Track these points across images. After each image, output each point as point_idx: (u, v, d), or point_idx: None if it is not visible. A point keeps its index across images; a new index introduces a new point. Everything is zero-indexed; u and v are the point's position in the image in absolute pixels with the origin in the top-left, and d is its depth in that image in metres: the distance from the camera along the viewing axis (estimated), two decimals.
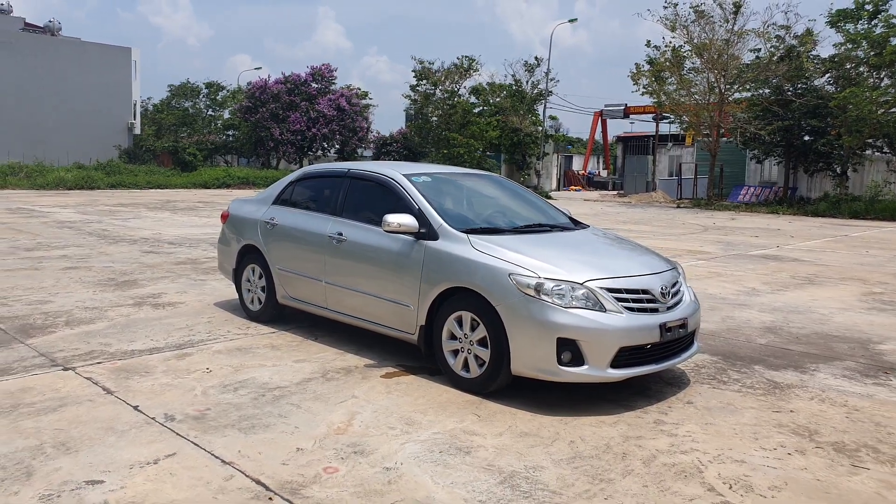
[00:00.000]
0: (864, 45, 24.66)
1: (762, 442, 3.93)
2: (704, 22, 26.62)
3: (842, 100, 24.32)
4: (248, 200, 6.97)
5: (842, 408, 4.56)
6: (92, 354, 5.28)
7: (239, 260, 6.63)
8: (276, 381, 4.76)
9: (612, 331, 4.19)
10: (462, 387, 4.61)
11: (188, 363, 5.12)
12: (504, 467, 3.49)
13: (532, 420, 4.14)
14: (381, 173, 5.53)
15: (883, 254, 13.61)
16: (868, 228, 19.96)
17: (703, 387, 4.91)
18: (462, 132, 34.20)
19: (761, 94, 27.73)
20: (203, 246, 11.74)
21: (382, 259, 5.12)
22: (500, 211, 5.58)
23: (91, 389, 4.49)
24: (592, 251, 4.96)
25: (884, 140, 26.77)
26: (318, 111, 40.70)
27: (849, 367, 5.51)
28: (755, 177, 35.39)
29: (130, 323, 6.29)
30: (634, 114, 46.46)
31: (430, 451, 3.67)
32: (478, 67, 34.65)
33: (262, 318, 6.39)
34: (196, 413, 4.13)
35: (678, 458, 3.66)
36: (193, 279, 8.61)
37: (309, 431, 3.90)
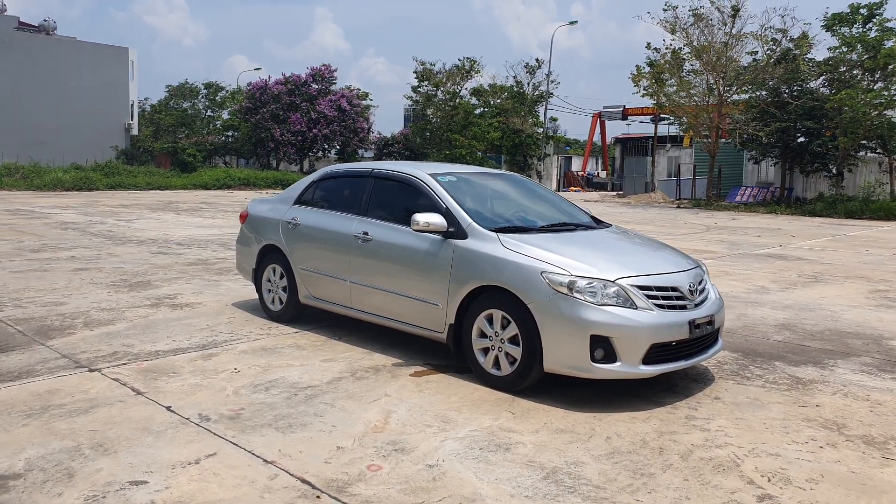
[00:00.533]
0: (858, 49, 24.83)
1: (793, 436, 3.98)
2: (703, 25, 26.77)
3: (837, 102, 24.49)
4: (268, 200, 6.98)
5: (864, 402, 4.62)
6: (116, 356, 5.29)
7: (259, 260, 6.65)
8: (307, 380, 4.78)
9: (644, 328, 4.24)
10: (493, 384, 4.64)
11: (215, 363, 5.13)
12: (545, 463, 3.53)
13: (566, 417, 4.18)
14: (407, 173, 5.57)
15: (883, 252, 13.72)
16: (865, 228, 20.10)
17: (727, 383, 4.95)
18: (464, 133, 34.32)
19: (759, 96, 27.88)
20: (212, 247, 11.74)
21: (410, 258, 5.15)
22: (524, 210, 5.62)
23: (120, 391, 4.51)
24: (620, 249, 5.01)
25: (877, 141, 26.99)
26: (318, 112, 40.74)
27: (865, 363, 5.57)
28: (752, 177, 35.55)
29: (150, 324, 6.30)
30: (633, 115, 46.59)
31: (469, 448, 3.70)
32: (479, 69, 34.78)
33: (283, 318, 6.41)
34: (231, 413, 4.15)
35: (714, 453, 3.71)
36: (207, 280, 8.62)
37: (347, 430, 3.92)
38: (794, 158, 29.75)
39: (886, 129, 25.02)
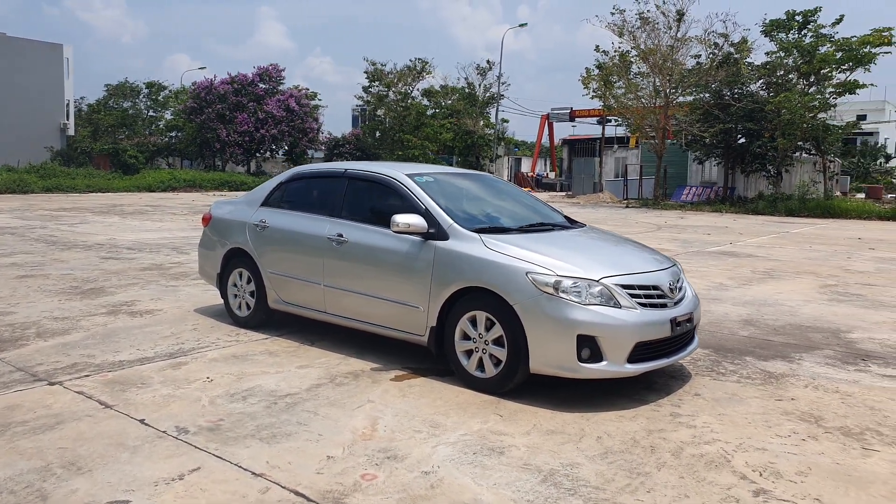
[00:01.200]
0: (795, 54, 25.78)
1: (775, 429, 4.05)
2: (650, 28, 27.35)
3: (776, 104, 25.38)
4: (233, 202, 6.78)
5: (835, 394, 4.75)
6: (76, 367, 5.03)
7: (224, 264, 6.44)
8: (284, 388, 4.64)
9: (629, 326, 4.25)
10: (477, 387, 4.59)
11: (185, 373, 4.93)
12: (541, 466, 3.50)
13: (554, 417, 4.16)
14: (383, 173, 5.47)
15: (825, 248, 14.25)
16: (804, 225, 20.87)
17: (704, 379, 5.03)
18: (416, 134, 34.22)
19: (702, 98, 28.66)
20: (165, 251, 11.35)
21: (388, 260, 5.06)
22: (500, 210, 5.59)
23: (87, 404, 4.28)
24: (599, 249, 5.02)
25: (812, 142, 28.11)
26: (266, 112, 40.02)
27: (829, 356, 5.74)
28: (696, 177, 36.54)
29: (109, 332, 6.03)
30: (580, 117, 47.30)
31: (463, 452, 3.64)
32: (430, 70, 34.75)
33: (250, 324, 6.22)
34: (209, 424, 3.98)
35: (704, 449, 3.74)
36: (165, 285, 8.32)
37: (334, 438, 3.81)
38: (736, 159, 30.70)
39: (821, 130, 26.05)
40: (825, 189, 30.29)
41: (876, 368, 5.39)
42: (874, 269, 11.19)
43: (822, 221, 22.66)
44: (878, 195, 39.54)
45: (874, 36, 23.38)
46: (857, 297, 8.50)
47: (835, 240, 16.08)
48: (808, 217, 24.28)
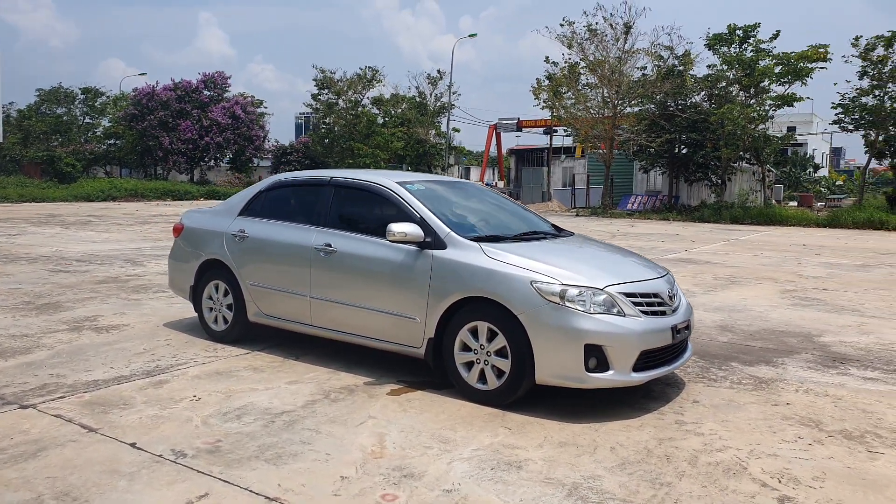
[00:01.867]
0: (736, 67, 26.72)
1: (780, 435, 4.09)
2: (598, 40, 27.90)
3: (720, 116, 26.23)
4: (207, 211, 6.51)
5: (826, 398, 4.84)
6: (47, 388, 4.71)
7: (198, 276, 6.16)
8: (278, 405, 4.44)
9: (634, 335, 4.24)
10: (478, 400, 4.49)
11: (169, 391, 4.68)
12: (563, 479, 3.42)
13: (563, 429, 4.10)
14: (373, 181, 5.33)
15: (775, 254, 14.73)
16: (749, 232, 21.57)
17: (698, 385, 5.06)
18: (366, 142, 33.94)
19: (648, 109, 29.39)
20: (118, 263, 10.87)
21: (381, 271, 4.92)
22: (491, 218, 5.52)
23: (68, 428, 4.00)
24: (597, 257, 5.01)
25: (752, 153, 29.18)
26: (211, 119, 39.10)
27: (809, 360, 5.87)
28: (642, 186, 37.44)
29: (76, 350, 5.69)
30: (527, 127, 47.77)
31: (480, 468, 3.53)
32: (381, 78, 34.54)
33: (227, 339, 5.97)
34: (207, 446, 3.77)
35: (717, 457, 3.74)
36: (126, 299, 7.94)
37: (343, 457, 3.65)
38: (680, 168, 31.59)
39: (762, 141, 27.04)
40: (764, 197, 31.45)
41: (856, 371, 5.53)
42: (826, 274, 11.60)
43: (765, 228, 23.47)
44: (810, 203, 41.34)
45: (811, 51, 24.45)
46: (817, 302, 8.77)
47: (782, 246, 16.65)
48: (752, 224, 25.11)
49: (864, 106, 25.28)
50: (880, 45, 24.38)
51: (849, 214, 23.94)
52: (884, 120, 24.98)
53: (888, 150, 26.97)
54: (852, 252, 15.52)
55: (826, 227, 23.74)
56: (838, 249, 16.08)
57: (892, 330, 7.14)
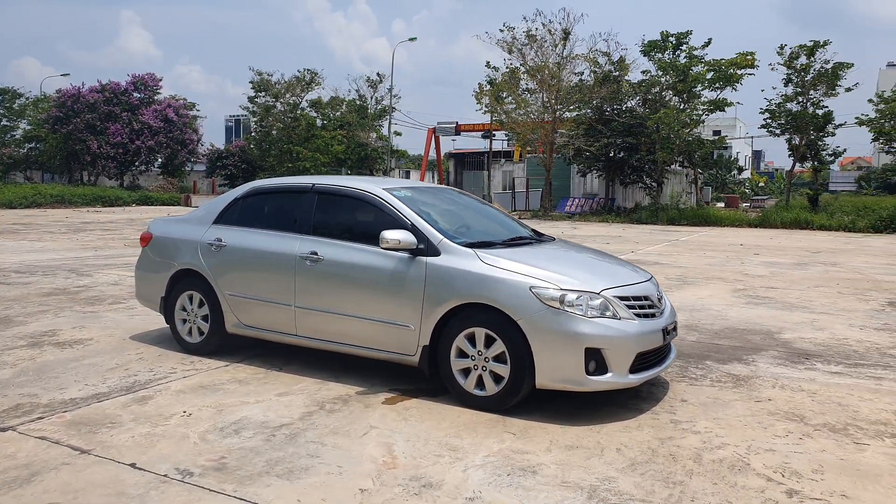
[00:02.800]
0: (671, 73, 27.67)
1: (771, 430, 4.26)
2: (537, 46, 28.37)
3: (656, 120, 27.11)
4: (178, 220, 6.29)
5: (801, 392, 5.07)
6: (22, 409, 4.46)
7: (170, 287, 5.95)
8: (274, 418, 4.34)
9: (631, 337, 4.34)
10: (476, 406, 4.50)
11: (155, 408, 4.50)
12: (579, 482, 3.47)
13: (565, 432, 4.16)
14: (359, 188, 5.26)
15: (717, 255, 15.30)
16: (688, 233, 22.35)
17: (681, 384, 5.22)
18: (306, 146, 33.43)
19: (586, 114, 30.08)
20: (62, 273, 10.37)
21: (372, 278, 4.87)
22: (475, 224, 5.53)
23: (57, 450, 3.80)
24: (587, 261, 5.10)
25: (685, 156, 30.30)
26: (142, 122, 37.73)
27: (776, 357, 6.14)
28: (579, 189, 38.29)
29: (42, 367, 5.40)
30: (465, 131, 48.13)
31: (496, 475, 3.54)
32: (320, 81, 34.12)
33: (203, 351, 5.79)
34: (212, 464, 3.64)
35: (719, 454, 3.87)
36: (81, 312, 7.58)
37: (355, 469, 3.60)
38: (616, 171, 32.48)
39: (696, 145, 28.08)
40: (697, 199, 32.67)
41: (821, 366, 5.82)
42: (768, 273, 12.14)
43: (701, 229, 24.36)
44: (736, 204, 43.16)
45: (740, 58, 25.55)
46: (768, 300, 9.17)
47: (721, 247, 17.32)
48: (687, 225, 26.00)
49: (789, 111, 26.58)
50: (803, 53, 25.72)
51: (777, 215, 25.10)
52: (806, 125, 26.33)
53: (809, 154, 28.45)
54: (787, 251, 16.29)
55: (757, 227, 24.82)
56: (774, 249, 16.84)
57: (842, 326, 7.53)
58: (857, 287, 10.43)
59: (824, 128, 26.90)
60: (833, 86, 25.76)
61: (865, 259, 14.57)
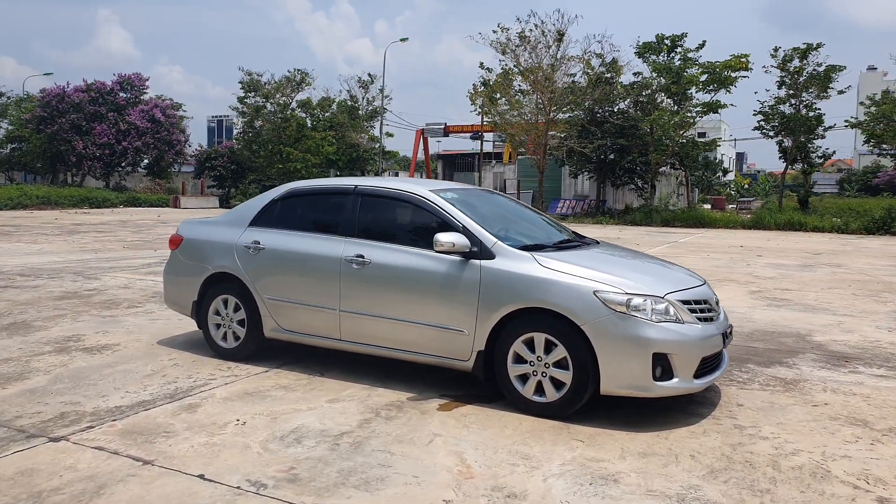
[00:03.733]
0: (665, 75, 27.81)
1: (839, 436, 4.21)
2: (531, 47, 28.36)
3: (651, 122, 27.24)
4: (209, 222, 6.13)
5: (854, 396, 5.03)
6: (68, 418, 4.30)
7: (203, 291, 5.80)
8: (332, 426, 4.22)
9: (696, 342, 4.27)
10: (535, 412, 4.41)
11: (206, 416, 4.36)
12: (665, 491, 3.39)
13: (633, 439, 4.08)
14: (406, 190, 5.15)
15: (721, 256, 15.36)
16: (685, 235, 22.44)
17: (731, 388, 5.16)
18: (297, 146, 33.15)
19: (577, 116, 30.14)
20: (69, 276, 10.13)
21: (424, 282, 4.76)
22: (521, 227, 5.44)
23: (119, 461, 3.65)
24: (642, 265, 5.02)
25: (676, 158, 30.49)
26: (129, 123, 37.21)
27: (815, 360, 6.11)
28: (570, 191, 38.41)
29: (77, 374, 5.24)
30: (454, 132, 48.13)
31: (578, 484, 3.46)
32: (311, 81, 33.84)
33: (239, 356, 5.64)
34: (283, 475, 3.52)
35: (796, 461, 3.81)
36: (100, 316, 7.39)
37: (433, 479, 3.49)
38: (607, 173, 32.61)
39: (690, 147, 28.24)
40: (689, 200, 32.87)
41: (865, 369, 5.80)
42: (777, 274, 12.18)
43: (697, 231, 24.48)
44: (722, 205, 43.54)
45: (734, 61, 25.73)
46: (788, 302, 9.18)
47: (722, 248, 17.39)
48: (682, 227, 26.13)
49: (782, 114, 26.81)
50: (796, 56, 25.95)
51: (771, 217, 25.30)
52: (799, 127, 26.58)
53: (799, 156, 28.72)
54: (787, 253, 16.39)
55: (751, 229, 25.01)
56: (774, 251, 16.94)
57: (869, 328, 7.54)
58: (870, 289, 10.48)
59: (815, 130, 27.18)
60: (825, 88, 26.03)
61: (867, 261, 14.69)
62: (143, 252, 14.01)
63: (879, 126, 25.36)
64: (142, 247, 15.16)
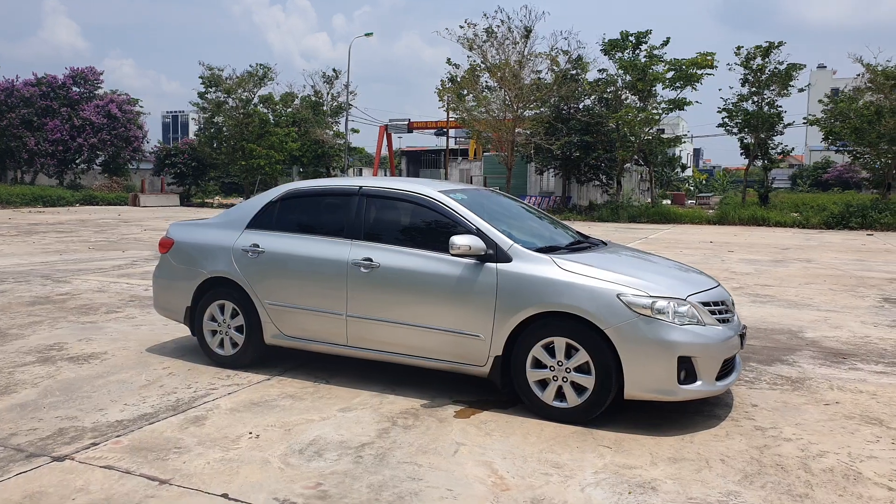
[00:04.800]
0: (631, 72, 28.08)
1: (858, 435, 4.23)
2: (497, 43, 28.32)
3: (618, 119, 27.48)
4: (202, 224, 5.88)
5: (861, 394, 5.08)
6: (67, 434, 4.06)
7: (197, 296, 5.57)
8: (350, 437, 4.06)
9: (718, 344, 4.24)
10: (556, 418, 4.33)
11: (215, 429, 4.16)
12: (705, 498, 3.34)
13: (659, 443, 4.03)
14: (415, 191, 5.00)
15: (694, 252, 15.55)
16: (653, 230, 22.71)
17: (740, 388, 5.16)
18: (260, 143, 32.51)
19: (544, 113, 30.24)
20: (36, 280, 9.69)
21: (436, 286, 4.63)
22: (532, 228, 5.34)
23: (133, 481, 3.44)
24: (660, 266, 4.97)
25: (640, 154, 30.85)
26: (83, 118, 35.97)
27: (813, 357, 6.16)
28: (536, 187, 38.57)
29: (68, 387, 4.97)
30: (418, 129, 47.98)
31: (617, 493, 3.38)
32: (273, 76, 33.21)
33: (237, 364, 5.43)
34: (311, 491, 3.36)
35: (825, 463, 3.80)
36: (80, 322, 7.06)
37: (469, 492, 3.38)
38: (572, 169, 32.82)
39: (656, 143, 28.60)
40: (653, 196, 33.30)
41: (863, 366, 5.87)
42: (753, 270, 12.37)
43: (664, 227, 24.80)
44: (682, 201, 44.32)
45: (700, 58, 26.11)
46: (771, 298, 9.30)
47: (693, 244, 17.63)
48: (649, 223, 26.43)
49: (745, 111, 27.34)
50: (759, 54, 26.48)
51: (735, 212, 25.78)
52: (761, 124, 27.13)
53: (760, 152, 29.32)
54: (757, 248, 16.69)
55: (716, 224, 25.45)
56: (744, 246, 17.24)
57: (855, 323, 7.67)
58: (845, 284, 10.71)
59: (775, 127, 27.78)
60: (785, 86, 26.61)
61: (834, 255, 15.04)
62: (111, 253, 13.53)
63: (837, 123, 26.04)
64: (108, 248, 14.65)
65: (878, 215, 23.00)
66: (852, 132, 25.29)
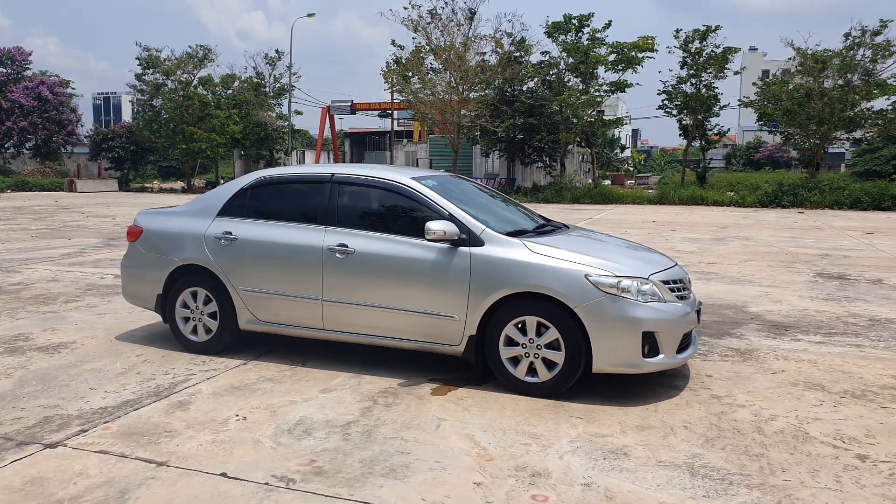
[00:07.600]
0: (574, 54, 28.58)
1: (803, 400, 4.62)
2: (442, 25, 28.35)
3: (560, 102, 27.98)
4: (171, 212, 5.88)
5: (804, 363, 5.50)
6: (54, 422, 4.10)
7: (168, 284, 5.59)
8: (335, 416, 4.22)
9: (678, 320, 4.55)
10: (529, 392, 4.58)
11: (201, 413, 4.26)
12: (674, 461, 3.64)
13: (627, 413, 4.32)
14: (387, 178, 5.14)
15: (638, 231, 16.11)
16: (597, 211, 23.33)
17: (695, 361, 5.52)
18: (200, 126, 31.76)
19: (488, 95, 30.51)
20: None
21: (412, 270, 4.80)
22: (499, 212, 5.54)
23: (131, 465, 3.53)
24: (622, 248, 5.25)
25: (582, 136, 31.53)
26: (12, 101, 34.39)
27: (758, 330, 6.60)
28: (481, 170, 38.90)
29: (43, 377, 4.96)
30: (361, 110, 47.57)
31: (594, 460, 3.65)
32: (214, 57, 32.41)
33: (212, 350, 5.50)
34: (307, 468, 3.52)
35: (776, 426, 4.16)
36: (41, 312, 6.96)
37: (456, 463, 3.59)
38: (516, 152, 33.28)
39: (598, 125, 29.24)
40: (594, 177, 34.08)
41: (804, 337, 6.34)
42: (696, 248, 12.95)
43: (607, 207, 25.50)
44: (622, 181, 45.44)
45: (642, 42, 26.78)
46: (715, 275, 9.81)
47: (637, 224, 18.24)
48: (591, 204, 27.13)
49: (684, 93, 28.21)
50: (697, 38, 27.32)
51: (675, 192, 26.70)
52: (699, 105, 28.07)
53: (698, 134, 30.36)
54: (698, 227, 17.41)
55: (657, 204, 26.31)
56: (685, 225, 17.94)
57: (794, 298, 8.21)
58: (782, 260, 11.34)
59: (712, 108, 28.79)
60: (722, 69, 27.57)
61: (770, 233, 15.83)
62: (57, 241, 13.16)
63: (769, 105, 27.17)
64: (51, 235, 14.23)
65: (808, 193, 24.22)
66: (784, 114, 26.44)
